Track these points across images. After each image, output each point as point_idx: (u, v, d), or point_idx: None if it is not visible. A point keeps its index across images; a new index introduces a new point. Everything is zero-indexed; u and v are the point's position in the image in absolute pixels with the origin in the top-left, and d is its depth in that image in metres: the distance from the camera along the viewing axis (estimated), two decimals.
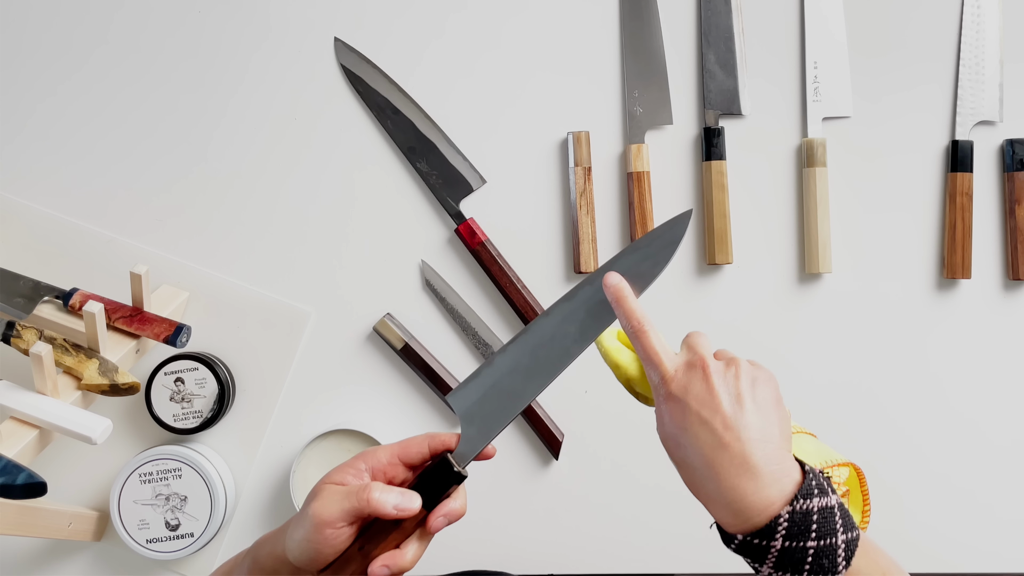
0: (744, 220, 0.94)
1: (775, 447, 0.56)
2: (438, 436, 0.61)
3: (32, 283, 0.87)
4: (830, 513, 0.54)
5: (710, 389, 0.56)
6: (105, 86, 0.94)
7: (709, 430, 0.56)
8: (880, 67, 0.95)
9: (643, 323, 0.60)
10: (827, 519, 0.54)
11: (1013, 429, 0.95)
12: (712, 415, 0.56)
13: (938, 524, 0.95)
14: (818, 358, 0.95)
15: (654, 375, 0.59)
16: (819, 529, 0.53)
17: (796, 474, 0.55)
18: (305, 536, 0.57)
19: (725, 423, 0.55)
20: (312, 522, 0.57)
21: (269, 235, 0.94)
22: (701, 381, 0.57)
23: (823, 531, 0.53)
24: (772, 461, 0.55)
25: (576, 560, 0.95)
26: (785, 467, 0.55)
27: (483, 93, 0.95)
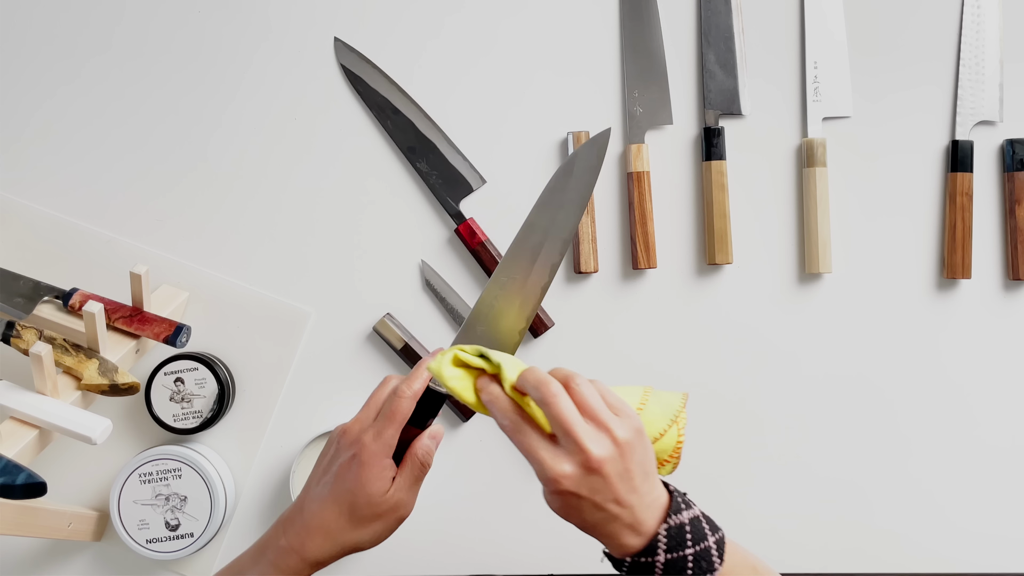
0: (744, 220, 0.94)
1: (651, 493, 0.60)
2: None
3: (32, 283, 0.87)
4: (698, 521, 0.61)
5: (609, 485, 0.59)
6: (105, 86, 0.94)
7: (602, 511, 0.59)
8: (880, 67, 0.95)
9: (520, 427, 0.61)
10: (696, 527, 0.61)
11: (1014, 429, 0.95)
12: (605, 502, 0.59)
13: (938, 523, 0.95)
14: (818, 358, 0.95)
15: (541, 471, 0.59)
16: (693, 536, 0.60)
17: (664, 497, 0.61)
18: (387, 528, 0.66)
19: (620, 503, 0.59)
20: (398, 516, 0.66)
21: (269, 235, 0.94)
22: (600, 481, 0.59)
23: (697, 537, 0.60)
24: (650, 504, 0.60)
25: (576, 560, 0.95)
26: (656, 495, 0.61)
27: (483, 93, 0.95)
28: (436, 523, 0.95)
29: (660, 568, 0.60)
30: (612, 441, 0.59)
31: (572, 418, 0.58)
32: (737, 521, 0.94)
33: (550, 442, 0.59)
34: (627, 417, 0.60)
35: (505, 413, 0.61)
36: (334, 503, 0.65)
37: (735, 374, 0.95)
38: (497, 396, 0.61)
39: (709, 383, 0.94)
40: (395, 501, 0.66)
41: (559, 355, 0.94)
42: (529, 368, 0.61)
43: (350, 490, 0.65)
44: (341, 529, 0.65)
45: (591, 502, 0.59)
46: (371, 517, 0.65)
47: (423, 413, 0.68)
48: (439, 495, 0.94)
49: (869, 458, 0.95)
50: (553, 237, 0.68)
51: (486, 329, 0.69)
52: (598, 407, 0.59)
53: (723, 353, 0.94)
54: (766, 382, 0.95)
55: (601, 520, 0.60)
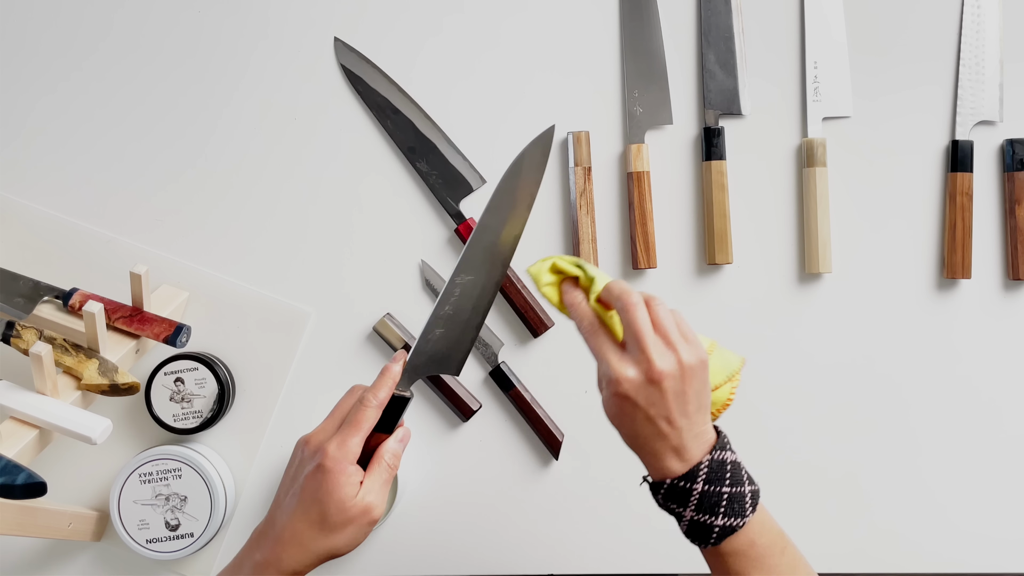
0: (744, 220, 0.94)
1: (701, 425, 0.63)
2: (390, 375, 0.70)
3: (32, 283, 0.87)
4: (739, 467, 0.64)
5: (664, 401, 0.62)
6: (105, 85, 0.94)
7: (653, 425, 0.62)
8: (880, 67, 0.95)
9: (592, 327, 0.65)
10: (737, 471, 0.63)
11: (1014, 429, 0.95)
12: (658, 417, 0.62)
13: (938, 524, 0.95)
14: (818, 358, 0.95)
15: (606, 371, 0.63)
16: (732, 478, 0.63)
17: (712, 435, 0.64)
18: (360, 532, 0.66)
19: (671, 423, 0.62)
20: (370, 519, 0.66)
21: (269, 235, 0.94)
22: (657, 394, 0.62)
23: (735, 479, 0.63)
24: (698, 435, 0.63)
25: (576, 560, 0.95)
26: (706, 430, 0.64)
27: (483, 93, 0.95)
28: (436, 523, 0.95)
29: (695, 498, 0.62)
30: (677, 360, 0.62)
31: (645, 328, 0.62)
32: None
33: (620, 349, 0.63)
34: (695, 346, 0.63)
35: (584, 315, 0.66)
36: (304, 513, 0.66)
37: None
38: (579, 301, 0.66)
39: None
40: (364, 505, 0.66)
41: (559, 355, 0.94)
42: (615, 280, 0.65)
43: (319, 499, 0.65)
44: (314, 538, 0.66)
45: (645, 413, 0.62)
46: (342, 523, 0.66)
47: (389, 418, 0.69)
48: (439, 495, 0.95)
49: (869, 458, 0.95)
50: (504, 236, 0.70)
51: (445, 331, 0.70)
52: (670, 327, 0.63)
53: None
54: (766, 382, 0.95)
55: (650, 435, 0.62)
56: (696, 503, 0.62)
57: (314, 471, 0.66)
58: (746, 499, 0.63)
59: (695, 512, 0.62)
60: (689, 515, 0.63)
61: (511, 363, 0.94)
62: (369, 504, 0.66)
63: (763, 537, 0.64)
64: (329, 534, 0.66)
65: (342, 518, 0.65)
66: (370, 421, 0.68)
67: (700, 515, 0.62)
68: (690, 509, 0.62)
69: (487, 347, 0.93)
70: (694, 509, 0.62)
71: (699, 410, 0.63)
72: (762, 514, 0.64)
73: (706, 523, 0.62)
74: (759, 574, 0.64)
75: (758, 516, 0.63)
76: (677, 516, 0.64)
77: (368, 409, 0.68)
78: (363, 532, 0.67)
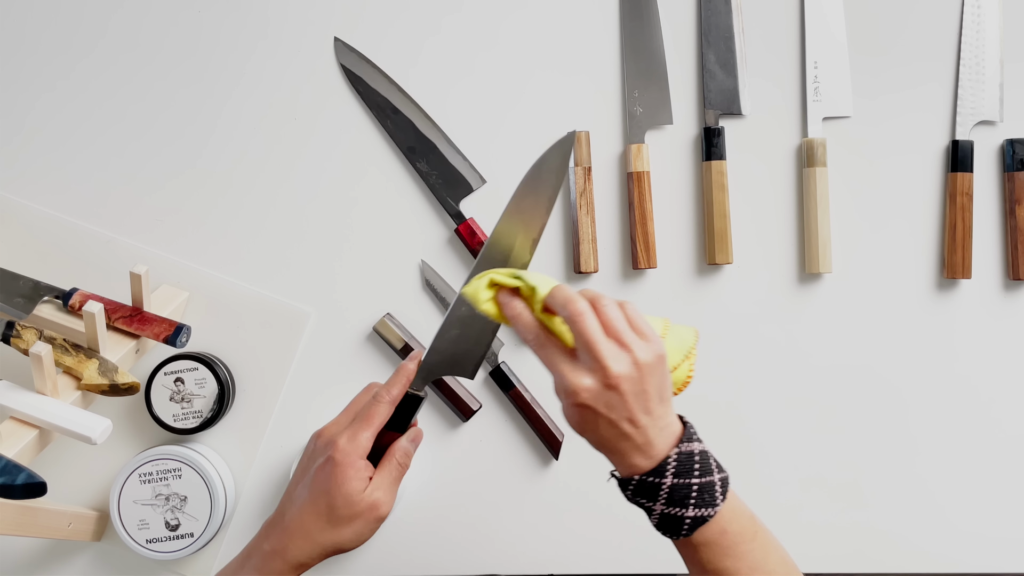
0: (744, 220, 0.94)
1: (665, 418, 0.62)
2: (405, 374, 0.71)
3: (32, 283, 0.87)
4: (707, 456, 0.63)
5: (624, 403, 0.61)
6: (104, 84, 0.94)
7: (616, 429, 0.61)
8: (880, 66, 0.95)
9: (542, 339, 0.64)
10: (705, 461, 0.63)
11: (1013, 429, 0.95)
12: (620, 420, 0.61)
13: (937, 523, 0.95)
14: (818, 358, 0.95)
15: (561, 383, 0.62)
16: (700, 468, 0.62)
17: (678, 426, 0.63)
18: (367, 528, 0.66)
19: (634, 423, 0.61)
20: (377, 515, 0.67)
21: (269, 235, 0.94)
22: (616, 398, 0.60)
23: (704, 470, 0.62)
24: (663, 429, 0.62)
25: (576, 560, 0.95)
26: (671, 422, 0.63)
27: (483, 93, 0.95)
28: (436, 523, 0.95)
29: (665, 492, 0.61)
30: (632, 361, 0.60)
31: (595, 335, 0.60)
32: None
33: (572, 357, 0.62)
34: (650, 341, 0.62)
35: (528, 327, 0.63)
36: (312, 505, 0.66)
37: (735, 374, 0.95)
38: (520, 311, 0.64)
39: (708, 383, 0.94)
40: (372, 501, 0.66)
41: None
42: (557, 286, 0.63)
43: (327, 491, 0.66)
44: (321, 530, 0.66)
45: (606, 419, 0.61)
46: (349, 517, 0.66)
47: (402, 417, 0.69)
48: (439, 495, 0.95)
49: (869, 458, 0.95)
50: (522, 241, 0.69)
51: (461, 332, 0.70)
52: (622, 328, 0.61)
53: (723, 353, 0.94)
54: (766, 382, 0.95)
55: (614, 437, 0.62)
56: (666, 497, 0.62)
57: (324, 463, 0.66)
58: (716, 488, 0.62)
59: (665, 505, 0.62)
60: (659, 509, 0.62)
61: (511, 363, 0.94)
62: (377, 500, 0.66)
63: (734, 524, 0.63)
64: (335, 527, 0.66)
65: (349, 512, 0.65)
66: (382, 416, 0.68)
67: (671, 508, 0.62)
68: (660, 503, 0.62)
69: None
70: (664, 503, 0.62)
71: (661, 403, 0.62)
72: (733, 501, 0.64)
73: (677, 515, 0.62)
74: (731, 561, 0.63)
75: (728, 503, 0.63)
76: (647, 510, 0.63)
77: (380, 405, 0.68)
78: (369, 528, 0.67)
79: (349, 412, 0.70)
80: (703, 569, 0.64)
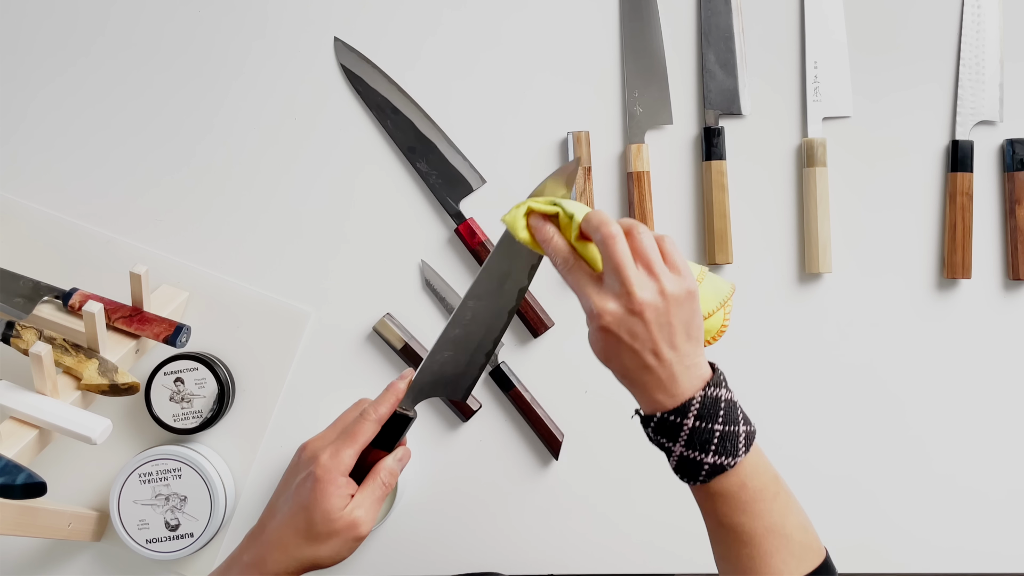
0: (744, 220, 0.94)
1: (692, 357, 0.61)
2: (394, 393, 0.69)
3: (32, 283, 0.87)
4: (734, 406, 0.62)
5: (648, 332, 0.60)
6: (103, 83, 0.94)
7: (638, 358, 0.60)
8: (880, 67, 0.95)
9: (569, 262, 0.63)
10: (731, 410, 0.61)
11: (1013, 428, 0.95)
12: (643, 350, 0.60)
13: (937, 523, 0.95)
14: (818, 358, 0.95)
15: (587, 305, 0.61)
16: (725, 416, 0.61)
17: (706, 370, 0.62)
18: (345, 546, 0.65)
19: (657, 355, 0.60)
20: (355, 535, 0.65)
21: (269, 235, 0.94)
22: (640, 325, 0.60)
23: (728, 418, 0.61)
24: (689, 367, 0.61)
25: (576, 560, 0.95)
26: (699, 363, 0.62)
27: (483, 93, 0.95)
28: (436, 523, 0.95)
29: (685, 433, 0.60)
30: (659, 290, 0.60)
31: (624, 259, 0.59)
32: None
33: (598, 281, 0.61)
34: (682, 275, 0.61)
35: (559, 250, 0.63)
36: (291, 519, 0.65)
37: (735, 374, 0.95)
38: (551, 235, 0.63)
39: None
40: (351, 519, 0.65)
41: (559, 355, 0.94)
42: (594, 211, 0.62)
43: (306, 507, 0.65)
44: (298, 545, 0.65)
45: (629, 347, 0.60)
46: (327, 534, 0.65)
47: (390, 435, 0.68)
48: (439, 495, 0.94)
49: (869, 457, 0.95)
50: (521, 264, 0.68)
51: (453, 354, 0.69)
52: (653, 257, 0.60)
53: (722, 353, 0.94)
54: (766, 382, 0.95)
55: (637, 368, 0.61)
56: (686, 439, 0.60)
57: (305, 478, 0.66)
58: (739, 438, 0.61)
59: (684, 447, 0.61)
60: (679, 450, 0.61)
61: (511, 363, 0.94)
62: (356, 519, 0.65)
63: (754, 480, 0.62)
64: (313, 543, 0.65)
65: (326, 529, 0.64)
66: (367, 435, 0.67)
67: (689, 451, 0.61)
68: (680, 444, 0.61)
69: None
70: (684, 444, 0.61)
71: (688, 341, 0.61)
72: (756, 456, 0.62)
73: (695, 459, 0.61)
74: (747, 518, 0.62)
75: (751, 458, 0.62)
76: (667, 451, 0.62)
77: (366, 423, 0.67)
78: (347, 547, 0.66)
79: (336, 427, 0.69)
80: (719, 523, 0.63)
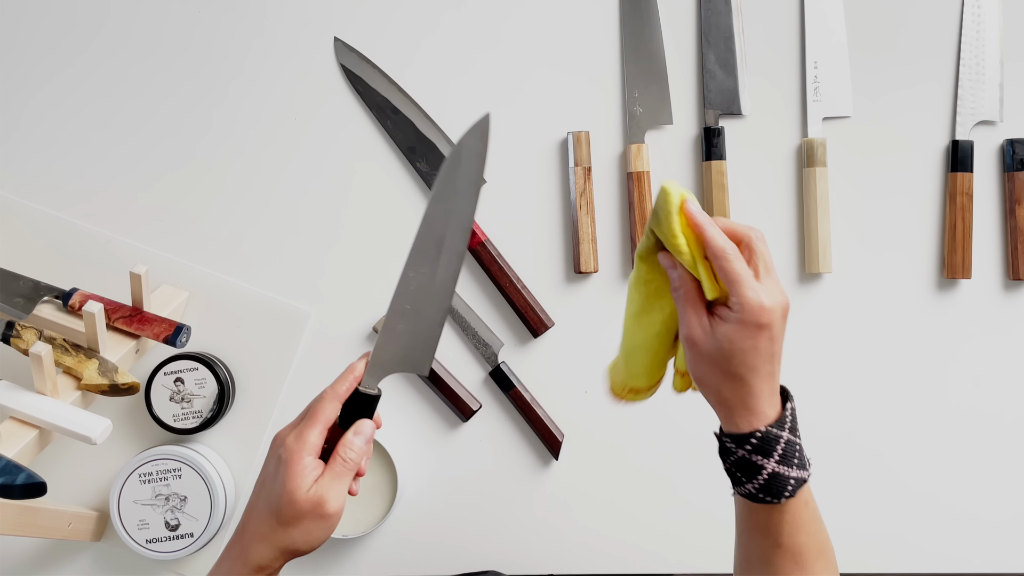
0: (744, 220, 0.94)
1: None
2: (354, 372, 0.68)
3: (32, 283, 0.87)
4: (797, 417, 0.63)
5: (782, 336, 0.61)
6: (102, 82, 0.94)
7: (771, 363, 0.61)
8: (880, 67, 0.95)
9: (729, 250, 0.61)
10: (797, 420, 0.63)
11: (1013, 428, 0.95)
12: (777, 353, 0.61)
13: (937, 523, 0.95)
14: (818, 358, 0.95)
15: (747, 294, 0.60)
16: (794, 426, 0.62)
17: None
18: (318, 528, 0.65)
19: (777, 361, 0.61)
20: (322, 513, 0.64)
21: (269, 235, 0.94)
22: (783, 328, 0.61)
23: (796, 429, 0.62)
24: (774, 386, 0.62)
25: (576, 560, 0.95)
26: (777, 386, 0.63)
27: (483, 93, 0.95)
28: (436, 523, 0.95)
29: (781, 447, 0.60)
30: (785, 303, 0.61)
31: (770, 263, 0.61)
32: None
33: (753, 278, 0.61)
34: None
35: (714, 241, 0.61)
36: (265, 505, 0.65)
37: None
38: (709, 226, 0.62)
39: None
40: (316, 498, 0.64)
41: (558, 355, 0.94)
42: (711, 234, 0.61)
43: (275, 492, 0.64)
44: (273, 530, 0.65)
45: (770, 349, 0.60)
46: (295, 516, 0.64)
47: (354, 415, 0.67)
48: (439, 495, 0.94)
49: (868, 457, 0.95)
50: (453, 226, 0.67)
51: (406, 326, 0.68)
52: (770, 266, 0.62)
53: None
54: None
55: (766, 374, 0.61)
56: (780, 453, 0.60)
57: (275, 464, 0.65)
58: (804, 451, 0.62)
59: (778, 463, 0.60)
60: (771, 467, 0.60)
61: (511, 363, 0.94)
62: (319, 497, 0.64)
63: (812, 499, 0.63)
64: (285, 527, 0.64)
65: (293, 511, 0.64)
66: (326, 413, 0.66)
67: (782, 466, 0.60)
68: (773, 460, 0.60)
69: (487, 347, 0.93)
70: (777, 460, 0.60)
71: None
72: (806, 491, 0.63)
73: (785, 475, 0.60)
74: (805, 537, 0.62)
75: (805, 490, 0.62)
76: (756, 470, 0.60)
77: (324, 401, 0.66)
78: (319, 528, 0.65)
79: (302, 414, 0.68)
80: (777, 543, 0.62)
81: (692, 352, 0.62)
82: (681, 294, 0.63)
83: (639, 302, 0.67)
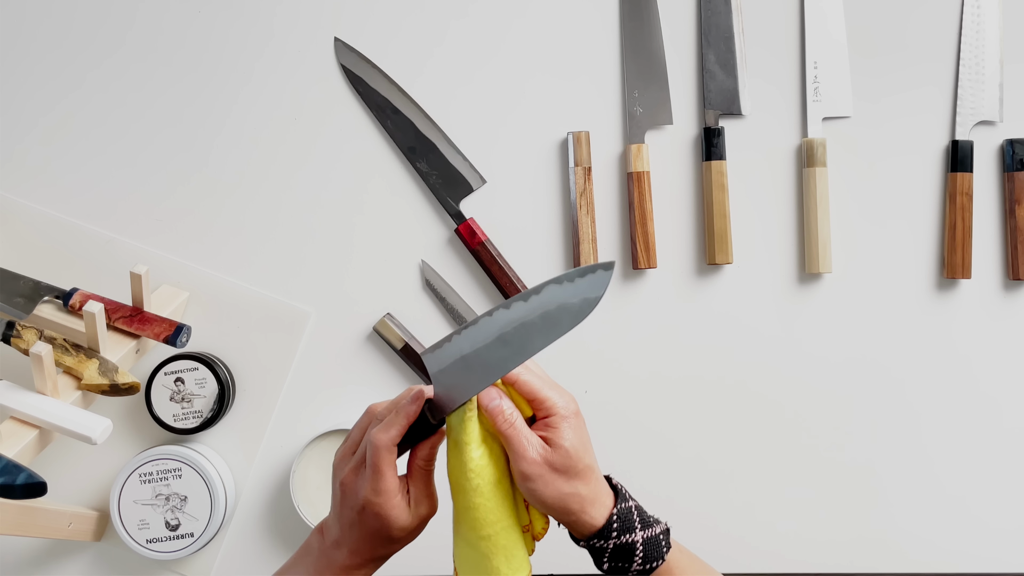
0: (744, 220, 0.94)
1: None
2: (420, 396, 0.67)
3: (32, 283, 0.87)
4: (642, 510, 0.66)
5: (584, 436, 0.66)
6: (107, 88, 0.94)
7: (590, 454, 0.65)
8: (880, 67, 0.95)
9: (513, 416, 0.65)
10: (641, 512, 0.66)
11: (1013, 428, 0.95)
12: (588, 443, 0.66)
13: (938, 523, 0.95)
14: (818, 358, 0.95)
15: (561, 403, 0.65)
16: (641, 520, 0.65)
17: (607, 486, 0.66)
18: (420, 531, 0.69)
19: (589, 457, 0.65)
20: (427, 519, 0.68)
21: (269, 235, 0.94)
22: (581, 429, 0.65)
23: (644, 521, 0.65)
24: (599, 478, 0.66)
25: (576, 560, 0.95)
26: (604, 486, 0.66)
27: (483, 93, 0.95)
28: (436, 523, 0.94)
29: (636, 516, 0.65)
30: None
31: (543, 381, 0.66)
32: (740, 519, 0.94)
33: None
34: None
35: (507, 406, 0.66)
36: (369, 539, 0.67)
37: (735, 374, 0.95)
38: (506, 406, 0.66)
39: (709, 383, 0.94)
40: (421, 516, 0.68)
41: (558, 355, 0.94)
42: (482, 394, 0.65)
43: (377, 529, 0.66)
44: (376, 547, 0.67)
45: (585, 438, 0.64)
46: (407, 537, 0.68)
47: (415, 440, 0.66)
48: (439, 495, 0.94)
49: (869, 458, 0.95)
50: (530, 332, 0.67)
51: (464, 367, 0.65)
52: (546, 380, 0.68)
53: (723, 353, 0.94)
54: (766, 382, 0.95)
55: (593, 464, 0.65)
56: (639, 519, 0.65)
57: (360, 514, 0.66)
58: (661, 540, 0.65)
59: (642, 528, 0.65)
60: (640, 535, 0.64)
61: None
62: (423, 514, 0.68)
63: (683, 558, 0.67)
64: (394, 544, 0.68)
65: (404, 534, 0.67)
66: (387, 462, 0.65)
67: (647, 531, 0.65)
68: (638, 528, 0.64)
69: None
70: (640, 526, 0.65)
71: None
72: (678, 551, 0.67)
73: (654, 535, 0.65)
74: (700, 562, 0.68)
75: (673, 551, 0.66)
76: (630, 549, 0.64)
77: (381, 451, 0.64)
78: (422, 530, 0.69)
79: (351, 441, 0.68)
80: None
81: (539, 476, 0.63)
82: (514, 420, 0.64)
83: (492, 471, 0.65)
